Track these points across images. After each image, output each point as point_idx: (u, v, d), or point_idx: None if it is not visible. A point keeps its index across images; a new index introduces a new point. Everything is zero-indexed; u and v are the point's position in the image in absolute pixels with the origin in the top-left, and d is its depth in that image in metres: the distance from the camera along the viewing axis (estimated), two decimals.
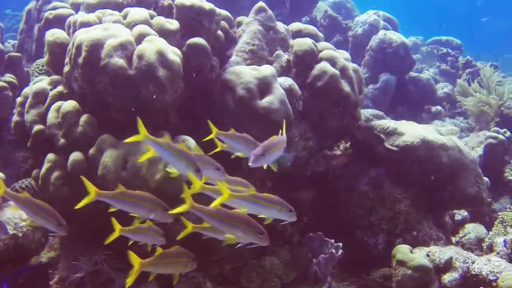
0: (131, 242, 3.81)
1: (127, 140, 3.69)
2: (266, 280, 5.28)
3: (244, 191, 3.51)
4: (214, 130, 3.97)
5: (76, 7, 5.85)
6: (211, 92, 5.45)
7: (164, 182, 4.30)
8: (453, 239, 6.99)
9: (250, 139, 3.98)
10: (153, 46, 4.48)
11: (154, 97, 4.44)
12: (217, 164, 3.75)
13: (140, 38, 4.62)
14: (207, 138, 4.03)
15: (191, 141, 4.71)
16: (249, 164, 3.46)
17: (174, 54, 4.61)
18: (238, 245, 3.59)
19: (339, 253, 5.30)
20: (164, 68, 4.49)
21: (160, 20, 5.02)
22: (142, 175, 4.29)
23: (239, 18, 6.41)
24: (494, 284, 4.94)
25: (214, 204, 3.40)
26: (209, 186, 3.57)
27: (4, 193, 3.63)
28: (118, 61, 4.37)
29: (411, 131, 6.08)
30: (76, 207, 3.52)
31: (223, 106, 5.28)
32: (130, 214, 3.70)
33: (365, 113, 8.25)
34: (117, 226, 3.66)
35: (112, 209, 3.65)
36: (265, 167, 3.86)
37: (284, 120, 4.60)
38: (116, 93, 4.41)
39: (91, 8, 5.47)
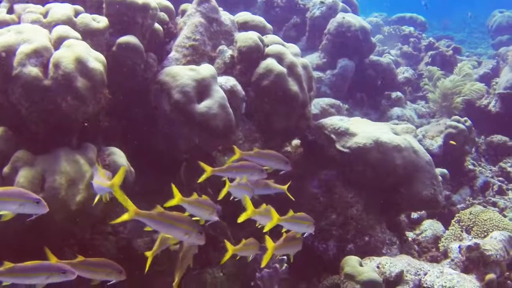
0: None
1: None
2: None
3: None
4: (208, 169, 4.13)
5: None
6: (148, 92, 5.04)
7: (85, 204, 3.92)
8: (410, 235, 6.77)
9: (248, 165, 4.35)
10: (71, 52, 4.00)
11: (74, 109, 4.00)
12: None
13: (59, 42, 4.13)
14: (202, 179, 4.20)
15: (119, 154, 4.34)
16: None
17: (96, 61, 4.15)
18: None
19: (284, 267, 4.99)
20: (84, 77, 4.01)
21: (85, 18, 4.54)
22: (61, 197, 3.85)
23: (183, 6, 5.94)
24: None
25: (267, 228, 4.03)
26: (257, 210, 4.05)
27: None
28: (32, 70, 3.88)
29: (363, 132, 5.76)
30: (112, 222, 3.55)
31: (159, 110, 4.87)
32: (165, 235, 3.90)
33: (321, 102, 7.97)
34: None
35: (148, 228, 3.64)
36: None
37: None
38: (30, 105, 3.92)
39: (13, 1, 4.98)
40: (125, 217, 3.45)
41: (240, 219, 3.98)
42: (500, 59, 13.94)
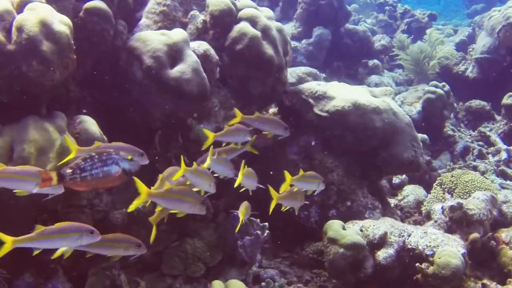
0: None
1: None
2: (189, 265, 4.85)
3: None
4: (211, 135, 4.35)
5: None
6: (119, 61, 4.87)
7: None
8: (393, 201, 6.71)
9: (241, 128, 4.56)
10: (35, 15, 3.82)
11: (40, 74, 3.83)
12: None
13: (22, 6, 3.94)
14: (206, 146, 4.33)
15: (90, 122, 4.18)
16: None
17: (61, 24, 3.97)
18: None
19: (265, 234, 4.90)
20: (49, 41, 3.84)
21: None
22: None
23: None
24: (431, 259, 4.66)
25: (283, 189, 4.31)
26: (245, 173, 4.18)
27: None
28: None
29: (342, 95, 5.65)
30: (129, 210, 3.61)
31: (131, 77, 4.72)
32: (170, 211, 3.89)
33: (297, 71, 7.84)
34: None
35: (159, 208, 3.82)
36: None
37: None
38: None
39: None
40: (139, 200, 3.52)
41: (236, 184, 4.14)
42: (476, 26, 13.87)
